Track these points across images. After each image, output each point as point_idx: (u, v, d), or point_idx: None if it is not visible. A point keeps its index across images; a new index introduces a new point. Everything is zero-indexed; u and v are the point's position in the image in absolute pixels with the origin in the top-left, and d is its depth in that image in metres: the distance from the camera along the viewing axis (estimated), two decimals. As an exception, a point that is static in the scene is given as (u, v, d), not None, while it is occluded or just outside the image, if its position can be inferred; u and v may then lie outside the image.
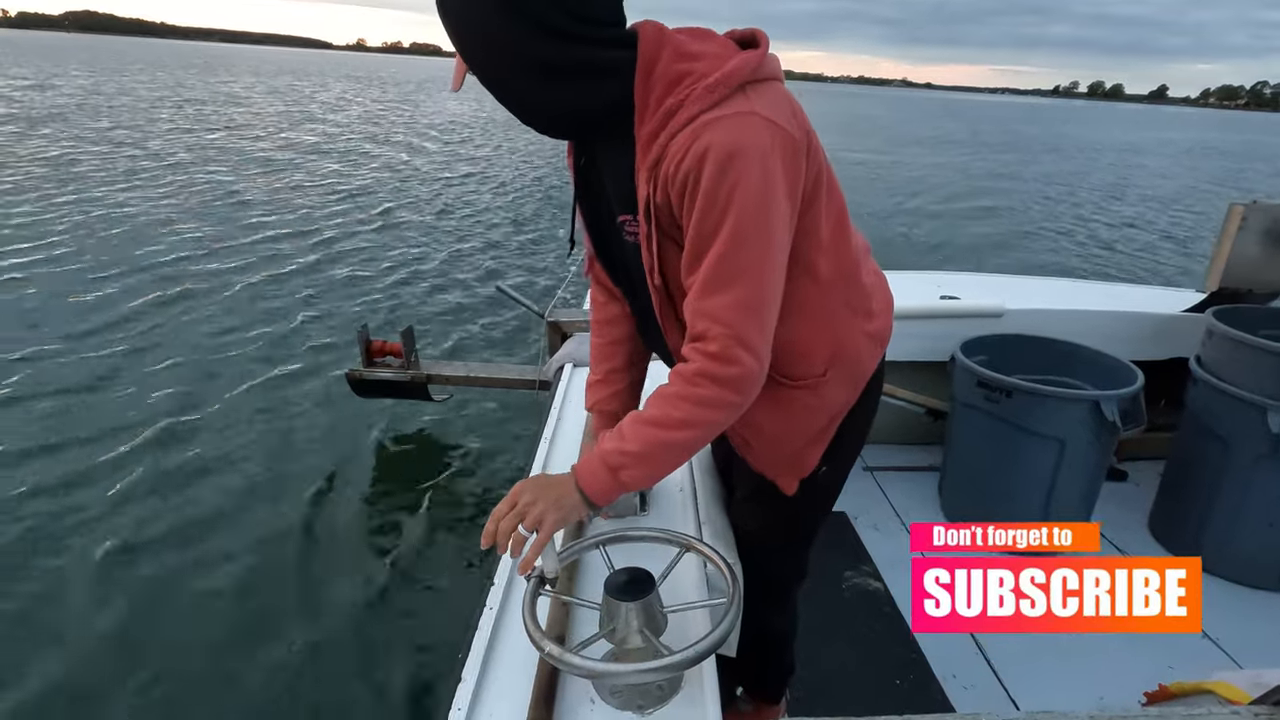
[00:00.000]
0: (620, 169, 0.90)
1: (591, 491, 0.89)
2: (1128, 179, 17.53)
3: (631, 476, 0.89)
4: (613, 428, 1.22)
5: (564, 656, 0.79)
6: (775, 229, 0.83)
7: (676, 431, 0.87)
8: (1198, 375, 2.05)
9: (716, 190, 0.80)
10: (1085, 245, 9.61)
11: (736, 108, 0.80)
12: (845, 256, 1.00)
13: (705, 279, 0.84)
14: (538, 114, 0.89)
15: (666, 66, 0.83)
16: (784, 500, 1.14)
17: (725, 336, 0.84)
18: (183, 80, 32.13)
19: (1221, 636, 1.87)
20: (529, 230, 8.47)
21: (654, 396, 0.89)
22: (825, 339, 1.01)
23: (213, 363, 4.33)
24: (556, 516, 0.88)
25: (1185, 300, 2.60)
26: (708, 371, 0.85)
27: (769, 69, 0.85)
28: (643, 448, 0.87)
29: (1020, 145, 26.85)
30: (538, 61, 0.82)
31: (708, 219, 0.81)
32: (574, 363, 2.06)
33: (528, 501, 0.88)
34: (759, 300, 0.85)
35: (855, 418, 1.11)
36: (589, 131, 0.93)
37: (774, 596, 1.30)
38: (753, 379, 0.87)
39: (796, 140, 0.83)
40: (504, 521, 0.88)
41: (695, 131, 0.80)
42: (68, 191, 8.55)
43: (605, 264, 1.09)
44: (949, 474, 2.36)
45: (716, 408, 0.87)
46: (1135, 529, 2.30)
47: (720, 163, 0.79)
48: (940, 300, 2.51)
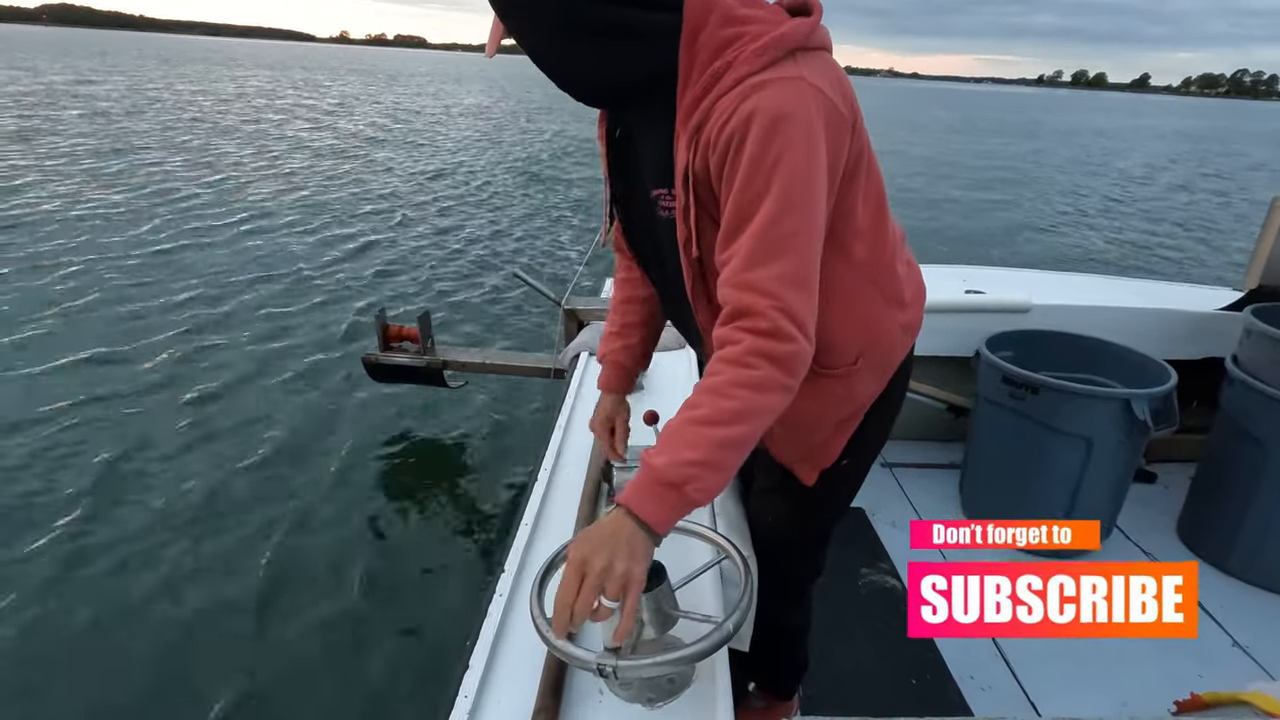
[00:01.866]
0: (659, 139, 0.87)
1: (655, 519, 0.76)
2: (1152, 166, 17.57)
3: (700, 489, 0.76)
4: (621, 387, 1.18)
5: (569, 649, 0.77)
6: (820, 200, 0.79)
7: (735, 425, 0.76)
8: (1234, 375, 1.98)
9: (763, 155, 0.75)
10: (1106, 231, 9.44)
11: (786, 72, 0.77)
12: (882, 242, 0.96)
13: (750, 249, 0.77)
14: (576, 79, 0.86)
15: (714, 31, 0.79)
16: (803, 492, 1.11)
17: (776, 311, 0.76)
18: (185, 74, 32.43)
19: (1252, 645, 1.81)
20: (550, 216, 8.47)
21: (696, 394, 0.79)
22: (858, 327, 0.97)
23: (229, 343, 4.37)
24: (641, 570, 0.75)
25: (1221, 298, 2.52)
26: (761, 349, 0.76)
27: (820, 38, 0.82)
28: (706, 453, 0.75)
29: (1011, 131, 26.87)
30: (577, 23, 0.79)
31: (752, 184, 0.76)
32: (589, 351, 2.04)
33: (601, 567, 0.74)
34: (806, 274, 0.79)
35: (881, 409, 1.07)
36: (628, 99, 0.89)
37: (789, 592, 1.27)
38: (805, 359, 0.79)
39: (843, 114, 0.80)
40: (580, 603, 0.74)
41: (743, 94, 0.76)
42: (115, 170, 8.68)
43: (632, 241, 1.06)
44: (970, 472, 2.31)
45: (772, 390, 0.77)
46: (1163, 533, 2.24)
47: (767, 126, 0.75)
48: (965, 294, 2.45)
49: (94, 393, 3.67)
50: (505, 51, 0.87)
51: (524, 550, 1.14)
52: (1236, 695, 0.90)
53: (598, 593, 0.74)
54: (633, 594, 0.75)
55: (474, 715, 0.84)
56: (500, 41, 0.84)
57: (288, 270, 5.85)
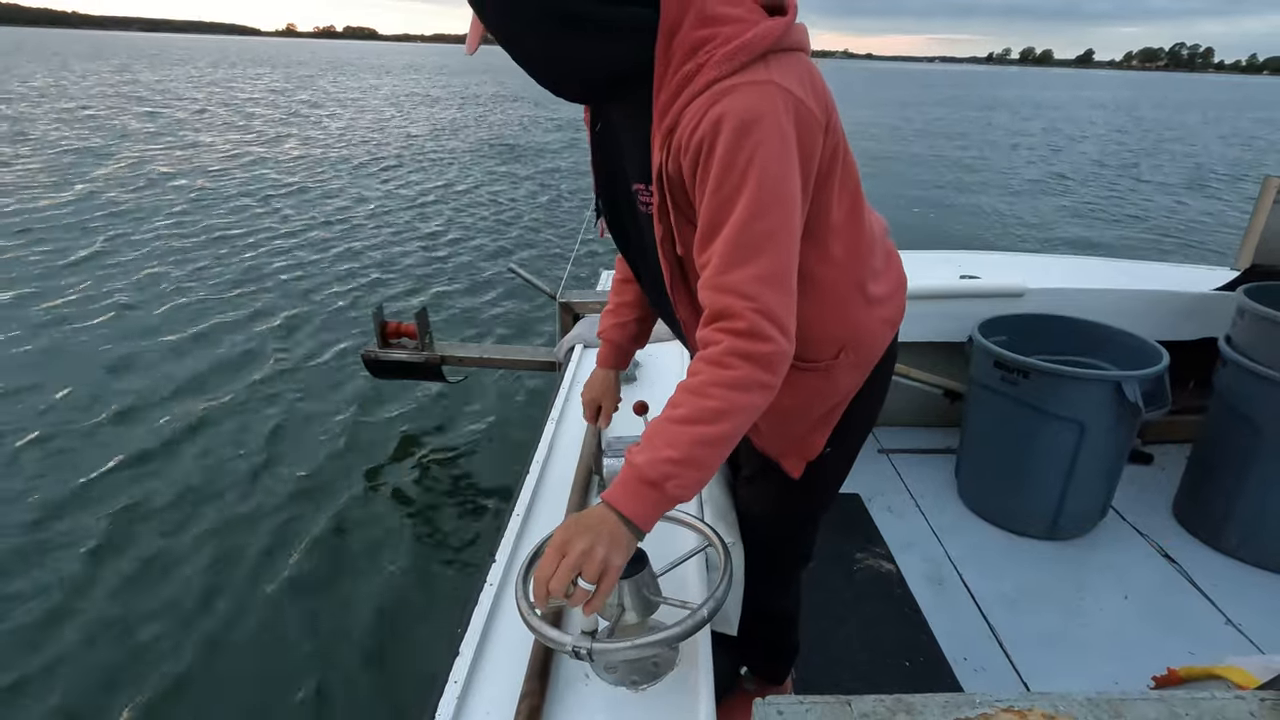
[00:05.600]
0: (637, 136, 0.88)
1: (637, 515, 0.79)
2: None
3: (679, 486, 0.78)
4: (614, 363, 1.21)
5: (547, 631, 0.79)
6: (794, 201, 0.80)
7: (714, 425, 0.78)
8: (1227, 356, 1.99)
9: (733, 159, 0.76)
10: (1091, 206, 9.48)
11: (754, 76, 0.77)
12: (859, 237, 0.97)
13: (725, 252, 0.79)
14: (552, 73, 0.86)
15: (689, 32, 0.79)
16: (789, 482, 1.12)
17: (753, 311, 0.78)
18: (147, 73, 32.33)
19: (1245, 623, 1.82)
20: (544, 210, 8.47)
21: (677, 393, 0.81)
22: (838, 322, 0.98)
23: (227, 340, 4.41)
24: (620, 559, 0.78)
25: (1215, 278, 2.52)
26: (739, 350, 0.78)
27: (794, 39, 0.82)
28: (684, 451, 0.78)
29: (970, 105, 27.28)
30: (556, 16, 0.79)
31: (724, 188, 0.78)
32: (584, 344, 2.06)
33: (582, 550, 0.76)
34: (783, 273, 0.80)
35: (864, 400, 1.09)
36: (605, 94, 0.90)
37: (778, 578, 1.29)
38: (784, 357, 0.80)
39: (815, 114, 0.80)
40: (555, 581, 0.76)
41: (711, 98, 0.77)
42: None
43: (616, 232, 1.07)
44: (965, 457, 2.32)
45: (751, 390, 0.79)
46: (1159, 514, 2.25)
47: (737, 130, 0.76)
48: (959, 280, 2.45)
49: (95, 393, 3.71)
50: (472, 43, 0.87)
51: (514, 540, 1.16)
52: (1210, 670, 0.92)
53: (574, 572, 0.76)
54: (609, 579, 0.77)
55: (463, 700, 0.87)
56: (481, 37, 0.85)
57: (283, 267, 5.88)
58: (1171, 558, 2.06)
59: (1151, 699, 0.67)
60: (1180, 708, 0.66)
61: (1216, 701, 0.66)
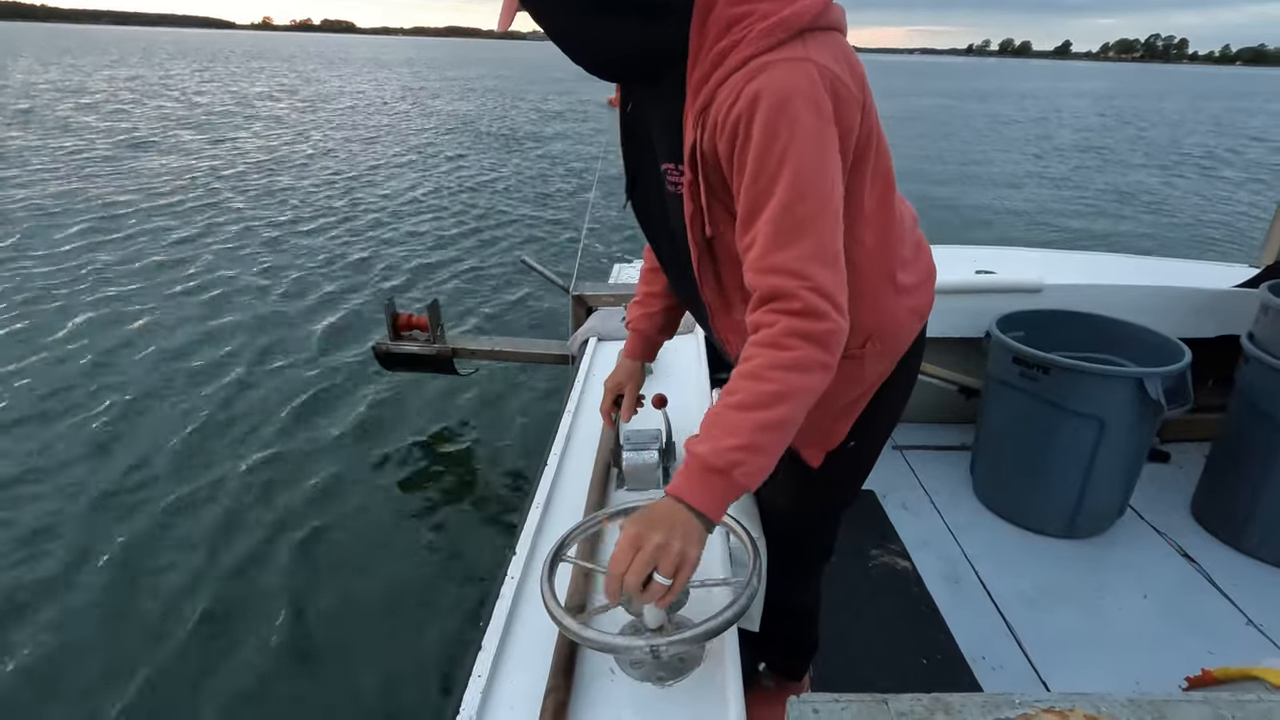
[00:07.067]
0: (668, 115, 0.87)
1: (706, 506, 0.77)
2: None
3: (746, 473, 0.76)
4: (639, 354, 1.19)
5: (580, 630, 0.78)
6: (835, 176, 0.79)
7: (774, 408, 0.76)
8: (1250, 353, 1.96)
9: (773, 138, 0.75)
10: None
11: (791, 53, 0.76)
12: (889, 225, 0.95)
13: (770, 233, 0.77)
14: (588, 52, 0.86)
15: (725, 8, 0.78)
16: (811, 474, 1.11)
17: (808, 290, 0.76)
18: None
19: (1267, 624, 1.80)
20: (558, 202, 8.44)
21: (734, 379, 0.79)
22: (866, 311, 0.96)
23: (239, 334, 4.41)
24: (696, 550, 0.77)
25: (1237, 275, 2.48)
26: (797, 329, 0.76)
27: (831, 18, 0.81)
28: (747, 438, 0.76)
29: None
30: None
31: (765, 168, 0.76)
32: (598, 337, 2.04)
33: (658, 543, 0.75)
34: (832, 251, 0.79)
35: (890, 392, 1.07)
36: (638, 73, 0.89)
37: (798, 573, 1.28)
38: (842, 335, 0.78)
39: (853, 92, 0.79)
40: (632, 574, 0.75)
41: (748, 75, 0.76)
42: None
43: (642, 214, 1.06)
44: (981, 454, 2.30)
45: (811, 370, 0.77)
46: (1177, 512, 2.22)
47: (774, 107, 0.74)
48: (976, 275, 2.43)
49: (106, 382, 3.72)
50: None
51: (534, 534, 1.15)
52: (1247, 671, 0.90)
53: (650, 566, 0.75)
54: (685, 571, 0.76)
55: (487, 694, 0.86)
56: (514, 15, 0.83)
57: (294, 262, 5.88)
58: (1191, 557, 2.04)
59: (1195, 700, 0.65)
60: (1226, 710, 0.65)
61: (1264, 704, 0.64)
